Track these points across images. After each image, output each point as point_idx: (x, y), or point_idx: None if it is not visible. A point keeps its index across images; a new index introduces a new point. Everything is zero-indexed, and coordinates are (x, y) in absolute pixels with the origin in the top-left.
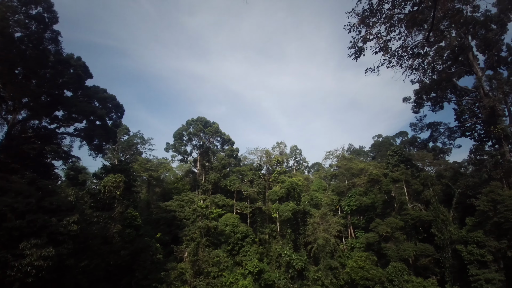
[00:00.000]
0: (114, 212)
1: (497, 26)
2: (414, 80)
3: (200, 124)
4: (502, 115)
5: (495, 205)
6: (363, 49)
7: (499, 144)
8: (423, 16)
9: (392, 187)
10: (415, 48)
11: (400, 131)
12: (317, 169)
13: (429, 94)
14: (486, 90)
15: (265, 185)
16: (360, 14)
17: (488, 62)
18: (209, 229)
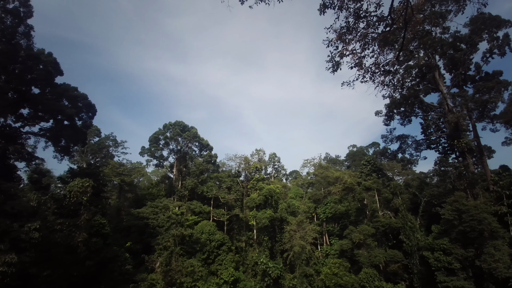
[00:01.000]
0: (79, 220)
1: (467, 46)
2: (385, 95)
3: (178, 128)
4: (466, 130)
5: (460, 214)
6: (339, 64)
7: (463, 157)
8: (394, 37)
9: (365, 195)
10: (387, 66)
11: (372, 142)
12: (294, 177)
13: (399, 109)
14: (450, 106)
15: (243, 192)
16: (337, 31)
17: (454, 80)
18: (184, 237)
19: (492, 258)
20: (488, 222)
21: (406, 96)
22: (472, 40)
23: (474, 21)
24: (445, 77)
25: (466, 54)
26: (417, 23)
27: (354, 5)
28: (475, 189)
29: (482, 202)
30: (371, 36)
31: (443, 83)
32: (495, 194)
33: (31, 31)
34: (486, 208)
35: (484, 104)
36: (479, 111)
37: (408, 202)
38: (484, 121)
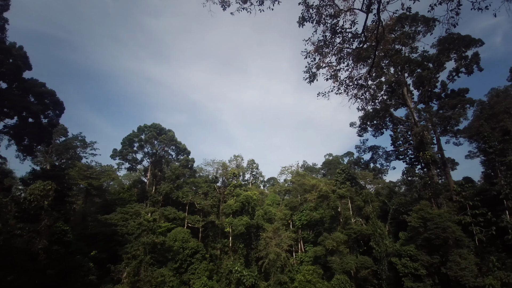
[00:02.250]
0: (40, 225)
1: (434, 65)
2: (359, 107)
3: (155, 131)
4: (431, 143)
5: (425, 222)
6: (316, 75)
7: (428, 168)
8: (367, 53)
9: (339, 203)
10: (360, 80)
11: (347, 151)
12: (272, 184)
13: (372, 121)
14: (416, 120)
15: (220, 198)
16: (315, 43)
17: (421, 96)
18: (155, 245)
19: (458, 266)
20: (452, 230)
21: (378, 109)
22: (439, 60)
23: (442, 42)
24: (414, 93)
25: (432, 72)
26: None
27: (331, 21)
28: (439, 198)
29: (445, 211)
30: (346, 51)
31: (411, 99)
32: (458, 204)
33: (6, 24)
34: (449, 217)
35: (448, 119)
36: (443, 126)
37: (378, 209)
38: (448, 135)
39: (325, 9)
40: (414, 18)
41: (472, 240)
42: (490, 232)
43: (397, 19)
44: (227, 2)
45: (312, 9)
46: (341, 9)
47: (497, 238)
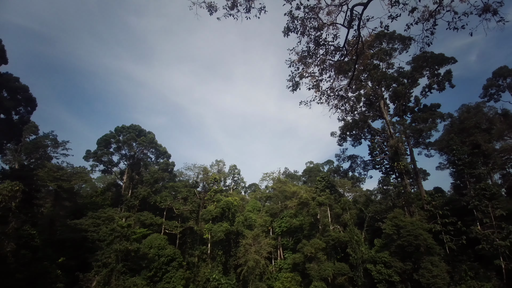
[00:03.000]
0: (8, 227)
1: (409, 81)
2: (339, 117)
3: (133, 132)
4: (404, 154)
5: (398, 230)
6: (299, 84)
7: (401, 178)
8: (348, 66)
9: (318, 210)
10: (340, 91)
11: (327, 160)
12: (253, 190)
13: (351, 131)
14: (391, 132)
15: (200, 203)
16: (299, 53)
17: (396, 110)
18: (128, 253)
19: (430, 274)
20: (423, 238)
21: (357, 120)
22: (413, 76)
23: (416, 59)
24: (390, 106)
25: (407, 88)
26: (367, 57)
27: (314, 33)
28: (411, 207)
29: (417, 219)
30: (329, 62)
31: (388, 111)
32: (428, 213)
33: None
34: (421, 225)
35: (420, 132)
36: (416, 138)
37: (355, 217)
38: (420, 147)
39: (310, 21)
40: (391, 36)
41: (442, 248)
42: (460, 241)
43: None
44: (214, 7)
45: (297, 21)
46: (324, 23)
47: (468, 248)
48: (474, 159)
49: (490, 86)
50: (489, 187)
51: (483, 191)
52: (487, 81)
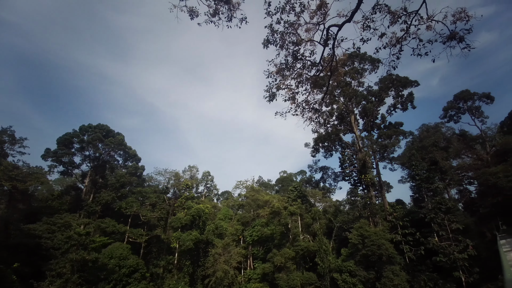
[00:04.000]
0: None
1: (376, 99)
2: (313, 129)
3: (100, 132)
4: (371, 167)
5: (363, 239)
6: (275, 95)
7: (368, 190)
8: (323, 81)
9: (290, 220)
10: (315, 104)
11: (301, 170)
12: (226, 198)
13: (323, 143)
14: (360, 146)
15: (169, 210)
16: (277, 65)
17: (365, 125)
18: (85, 263)
19: (391, 283)
20: (385, 247)
21: (330, 133)
22: (380, 95)
23: (383, 80)
24: (359, 122)
25: (375, 105)
26: (340, 74)
27: (293, 47)
28: (376, 217)
29: (380, 230)
30: (305, 76)
31: (357, 126)
32: (390, 224)
33: None
34: (383, 235)
35: (385, 147)
36: (381, 153)
37: (324, 227)
38: (385, 161)
39: (289, 36)
40: (362, 57)
41: (403, 258)
42: (419, 252)
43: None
44: (195, 13)
45: (277, 34)
46: (302, 39)
47: (426, 258)
48: (431, 174)
49: (450, 108)
50: (445, 201)
51: (439, 205)
52: (448, 103)
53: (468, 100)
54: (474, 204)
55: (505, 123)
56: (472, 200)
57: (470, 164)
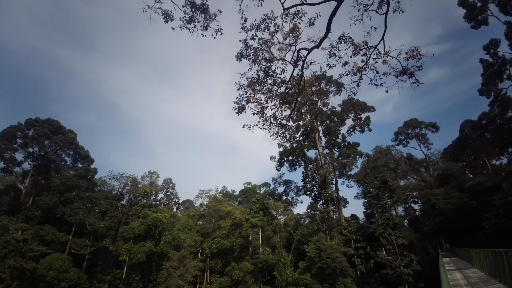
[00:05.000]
0: None
1: (338, 120)
2: (280, 143)
3: (49, 128)
4: (331, 183)
5: (320, 253)
6: (244, 108)
7: (327, 204)
8: (291, 99)
9: (251, 232)
10: (282, 120)
11: (265, 182)
12: (187, 207)
13: (288, 158)
14: (322, 163)
15: (122, 219)
16: (249, 79)
17: (327, 143)
18: (24, 271)
19: None
20: (339, 260)
21: (295, 148)
22: (342, 116)
23: (345, 103)
24: (322, 139)
25: (337, 125)
26: (307, 93)
27: (265, 63)
28: (332, 231)
29: (336, 243)
30: (275, 92)
31: (320, 143)
32: (345, 237)
33: None
34: (338, 249)
35: (344, 165)
36: (340, 170)
37: (284, 240)
38: (343, 178)
39: (262, 52)
40: (329, 80)
41: (354, 271)
42: (369, 265)
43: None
44: (170, 16)
45: (251, 49)
46: (275, 57)
47: (375, 271)
48: (381, 192)
49: (400, 133)
50: (393, 218)
51: (387, 221)
52: (398, 129)
53: (416, 127)
54: (418, 221)
55: (448, 151)
56: (416, 217)
57: (415, 184)
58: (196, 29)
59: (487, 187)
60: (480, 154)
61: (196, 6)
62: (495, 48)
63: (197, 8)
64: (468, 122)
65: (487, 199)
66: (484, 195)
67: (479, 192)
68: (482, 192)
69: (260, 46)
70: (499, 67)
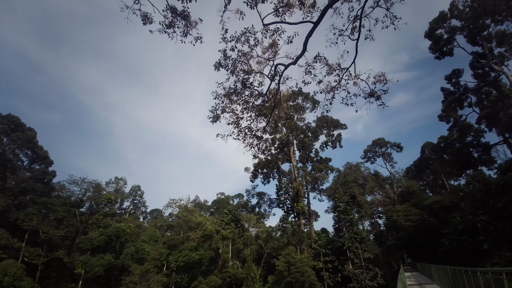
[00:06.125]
0: None
1: (312, 135)
2: (255, 155)
3: (8, 125)
4: (303, 196)
5: (289, 266)
6: (219, 117)
7: (298, 217)
8: (267, 111)
9: (221, 244)
10: (257, 132)
11: (238, 193)
12: (155, 217)
13: (263, 170)
14: (296, 176)
15: (80, 228)
16: (226, 89)
17: (301, 157)
18: None
19: None
20: (308, 274)
21: (270, 160)
22: (316, 132)
23: (319, 120)
24: (297, 153)
25: (311, 140)
26: (283, 108)
27: (243, 75)
28: (302, 245)
29: (305, 257)
30: (252, 104)
31: (295, 157)
32: (315, 251)
33: None
34: (307, 262)
35: (316, 179)
36: (312, 184)
37: (255, 253)
38: (315, 192)
39: (241, 64)
40: (306, 96)
41: (323, 285)
42: (336, 279)
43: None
44: (149, 19)
45: (229, 60)
46: (253, 69)
47: (342, 285)
48: (349, 207)
49: (368, 151)
50: (360, 232)
51: (355, 235)
52: (367, 147)
53: (382, 146)
54: (382, 236)
55: (410, 170)
56: (381, 232)
57: (380, 200)
58: (176, 35)
59: (445, 206)
60: (439, 174)
61: (177, 12)
62: (457, 78)
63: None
64: (428, 144)
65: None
66: (443, 213)
67: (437, 210)
68: (441, 211)
69: (239, 57)
70: (461, 95)
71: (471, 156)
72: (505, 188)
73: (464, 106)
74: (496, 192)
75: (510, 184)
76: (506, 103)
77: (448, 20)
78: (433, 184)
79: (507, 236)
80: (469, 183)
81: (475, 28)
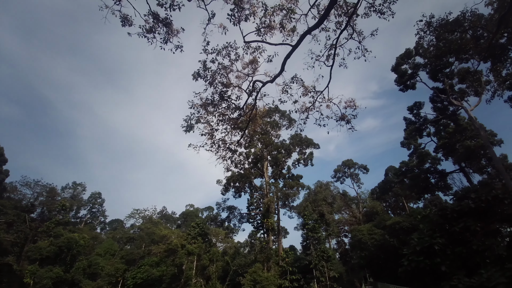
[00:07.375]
0: None
1: (286, 152)
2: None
3: None
4: (274, 212)
5: (255, 285)
6: (193, 127)
7: (267, 234)
8: (243, 125)
9: (185, 260)
10: (231, 145)
11: (208, 206)
12: (114, 228)
13: (235, 183)
14: (267, 191)
15: (29, 235)
16: (203, 99)
17: (273, 173)
18: None
19: None
20: None
21: (242, 174)
22: (289, 149)
23: (294, 137)
24: (269, 169)
25: (284, 157)
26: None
27: (221, 87)
28: (270, 262)
29: (272, 275)
30: (228, 116)
31: (267, 172)
32: (282, 269)
33: None
34: (274, 281)
35: (287, 196)
36: (283, 201)
37: (220, 270)
38: (286, 209)
39: (220, 76)
40: (283, 114)
41: None
42: None
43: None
44: (129, 21)
45: (209, 72)
46: (231, 83)
47: None
48: (318, 225)
49: (338, 171)
50: (327, 250)
51: (322, 253)
52: (337, 167)
53: (351, 167)
54: (347, 254)
55: (375, 191)
56: (346, 251)
57: (347, 219)
58: (156, 41)
59: (404, 227)
60: (400, 197)
61: (158, 18)
62: (418, 109)
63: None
64: (391, 168)
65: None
66: (402, 234)
67: (398, 230)
68: (401, 231)
69: (219, 70)
70: (420, 125)
71: (429, 182)
72: (461, 214)
73: (423, 136)
74: (452, 217)
75: (466, 210)
76: (464, 135)
77: (413, 57)
78: (394, 206)
79: (464, 261)
80: (427, 206)
81: (438, 65)
